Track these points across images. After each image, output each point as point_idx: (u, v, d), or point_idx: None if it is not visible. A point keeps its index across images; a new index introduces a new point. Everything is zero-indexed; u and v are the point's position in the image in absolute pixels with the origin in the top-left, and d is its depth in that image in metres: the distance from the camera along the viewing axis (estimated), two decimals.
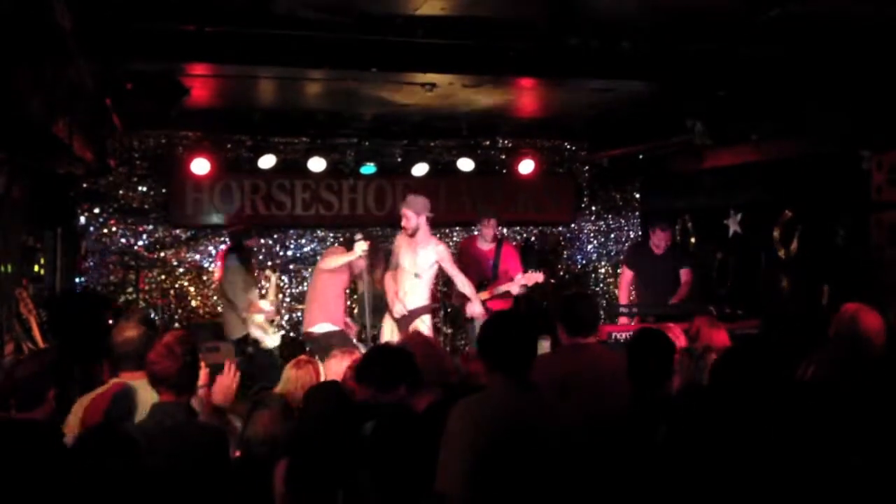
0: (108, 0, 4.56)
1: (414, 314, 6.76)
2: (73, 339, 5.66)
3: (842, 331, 4.07)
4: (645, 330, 3.78)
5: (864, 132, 6.19)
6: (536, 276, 7.19)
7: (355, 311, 8.22)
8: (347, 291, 7.35)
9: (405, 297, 6.72)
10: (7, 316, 5.34)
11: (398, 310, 6.70)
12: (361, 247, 6.55)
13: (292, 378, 4.25)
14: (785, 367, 3.63)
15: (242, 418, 3.74)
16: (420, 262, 6.68)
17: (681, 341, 4.47)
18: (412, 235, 6.64)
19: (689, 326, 4.75)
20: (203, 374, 3.84)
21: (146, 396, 3.42)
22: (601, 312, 9.68)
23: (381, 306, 6.96)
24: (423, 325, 6.80)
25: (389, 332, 6.87)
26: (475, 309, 6.80)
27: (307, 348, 7.06)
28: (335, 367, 4.36)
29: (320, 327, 6.76)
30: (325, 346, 6.21)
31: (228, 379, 3.73)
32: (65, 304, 6.81)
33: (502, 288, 7.34)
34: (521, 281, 7.25)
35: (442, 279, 9.15)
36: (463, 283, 6.82)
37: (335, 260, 6.75)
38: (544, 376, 3.49)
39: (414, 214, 6.56)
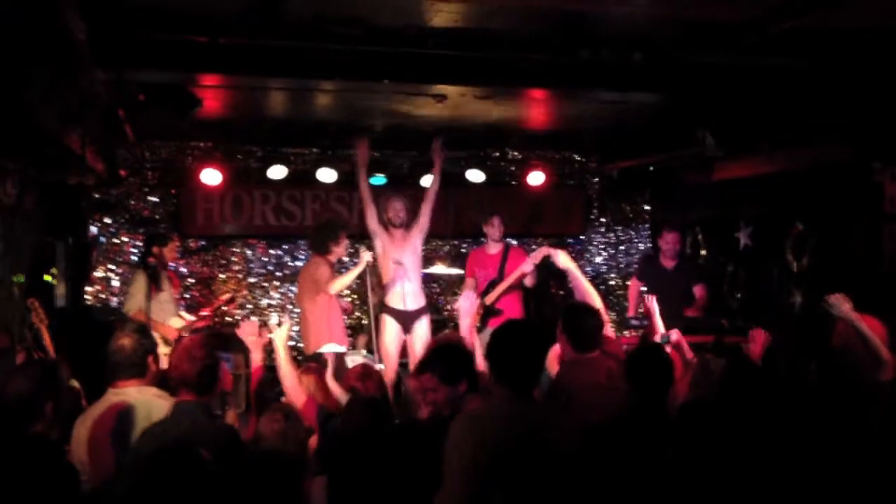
0: (122, 11, 4.58)
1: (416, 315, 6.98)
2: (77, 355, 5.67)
3: (838, 343, 4.11)
4: (644, 345, 3.79)
5: (875, 144, 6.16)
6: (542, 251, 7.00)
7: (363, 321, 8.21)
8: None
9: (407, 296, 6.94)
10: (19, 326, 5.35)
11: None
12: (367, 257, 6.58)
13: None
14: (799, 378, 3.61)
15: None
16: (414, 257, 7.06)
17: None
18: (398, 226, 7.07)
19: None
20: (225, 381, 3.92)
21: (143, 406, 3.51)
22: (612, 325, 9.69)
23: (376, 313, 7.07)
24: (424, 327, 7.02)
25: (393, 334, 6.89)
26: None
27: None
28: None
29: (328, 348, 6.66)
30: (336, 367, 6.13)
31: None
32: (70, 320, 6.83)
33: (510, 280, 7.27)
34: (528, 265, 7.06)
35: (451, 290, 9.18)
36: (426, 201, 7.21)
37: (347, 277, 6.71)
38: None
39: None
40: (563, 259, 4.56)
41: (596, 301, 4.27)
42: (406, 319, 6.95)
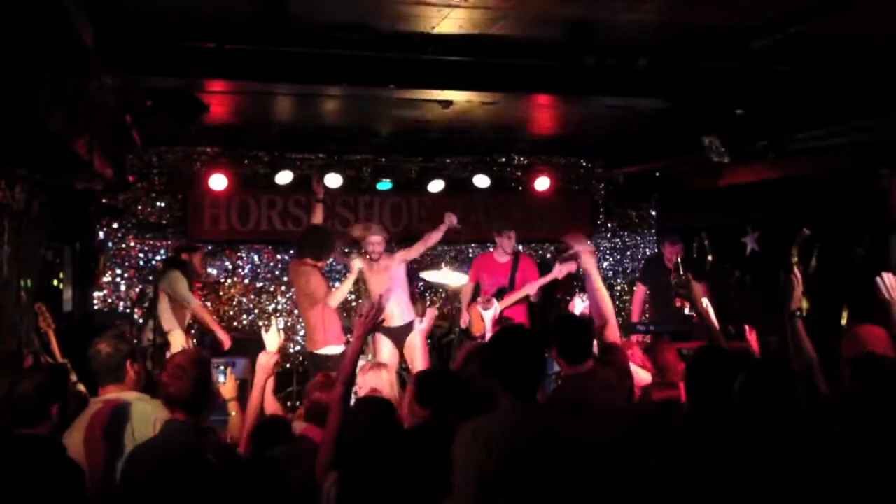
0: (130, 17, 4.61)
1: (407, 329, 6.97)
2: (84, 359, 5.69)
3: (850, 353, 4.06)
4: (704, 347, 3.78)
5: (882, 150, 6.15)
6: (569, 267, 7.05)
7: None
8: None
9: (394, 315, 6.95)
10: (26, 330, 5.37)
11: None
12: (359, 265, 6.64)
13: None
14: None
15: None
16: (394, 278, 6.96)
17: None
18: (377, 260, 6.93)
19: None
20: (231, 386, 3.94)
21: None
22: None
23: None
24: (414, 337, 6.95)
25: (387, 351, 6.92)
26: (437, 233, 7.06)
27: (308, 370, 7.02)
28: (373, 381, 4.36)
29: (329, 349, 6.70)
30: (334, 367, 6.17)
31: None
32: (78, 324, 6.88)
33: (520, 294, 7.34)
34: (539, 283, 7.27)
35: (456, 297, 9.17)
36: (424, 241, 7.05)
37: (344, 288, 6.82)
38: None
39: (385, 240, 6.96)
40: (588, 262, 4.49)
41: (608, 309, 4.20)
42: (396, 335, 7.03)
